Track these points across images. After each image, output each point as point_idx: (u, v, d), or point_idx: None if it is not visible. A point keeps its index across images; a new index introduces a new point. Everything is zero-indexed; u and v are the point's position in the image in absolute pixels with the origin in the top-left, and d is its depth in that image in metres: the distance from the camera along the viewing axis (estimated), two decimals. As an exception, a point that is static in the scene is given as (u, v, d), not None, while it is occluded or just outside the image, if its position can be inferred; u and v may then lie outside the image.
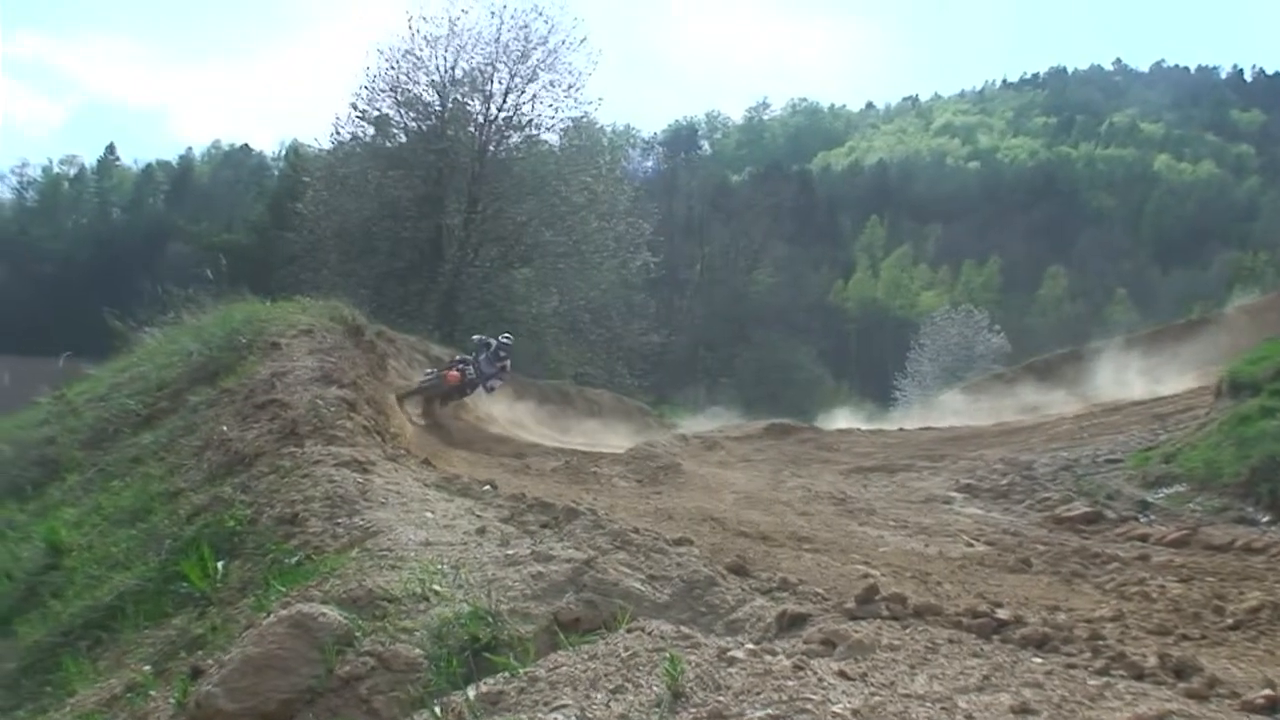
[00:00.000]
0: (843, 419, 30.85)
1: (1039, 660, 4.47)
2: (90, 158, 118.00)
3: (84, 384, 17.03)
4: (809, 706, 3.73)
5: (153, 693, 5.77)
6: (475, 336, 21.00)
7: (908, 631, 4.86)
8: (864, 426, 26.04)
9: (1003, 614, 5.34)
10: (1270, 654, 6.10)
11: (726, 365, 71.48)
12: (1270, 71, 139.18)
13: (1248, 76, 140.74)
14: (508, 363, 20.64)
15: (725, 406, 41.38)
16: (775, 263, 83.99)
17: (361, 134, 44.36)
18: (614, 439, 23.25)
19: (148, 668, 6.34)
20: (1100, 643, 4.99)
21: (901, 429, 23.61)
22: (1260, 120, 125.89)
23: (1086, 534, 10.92)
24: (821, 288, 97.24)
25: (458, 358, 20.89)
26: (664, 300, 64.79)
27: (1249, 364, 14.76)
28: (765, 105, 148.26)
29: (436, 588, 5.71)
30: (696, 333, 73.84)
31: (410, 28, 42.25)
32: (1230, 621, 6.83)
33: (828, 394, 50.65)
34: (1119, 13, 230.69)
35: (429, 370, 20.68)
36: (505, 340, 20.63)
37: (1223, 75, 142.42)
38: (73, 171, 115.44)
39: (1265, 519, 10.68)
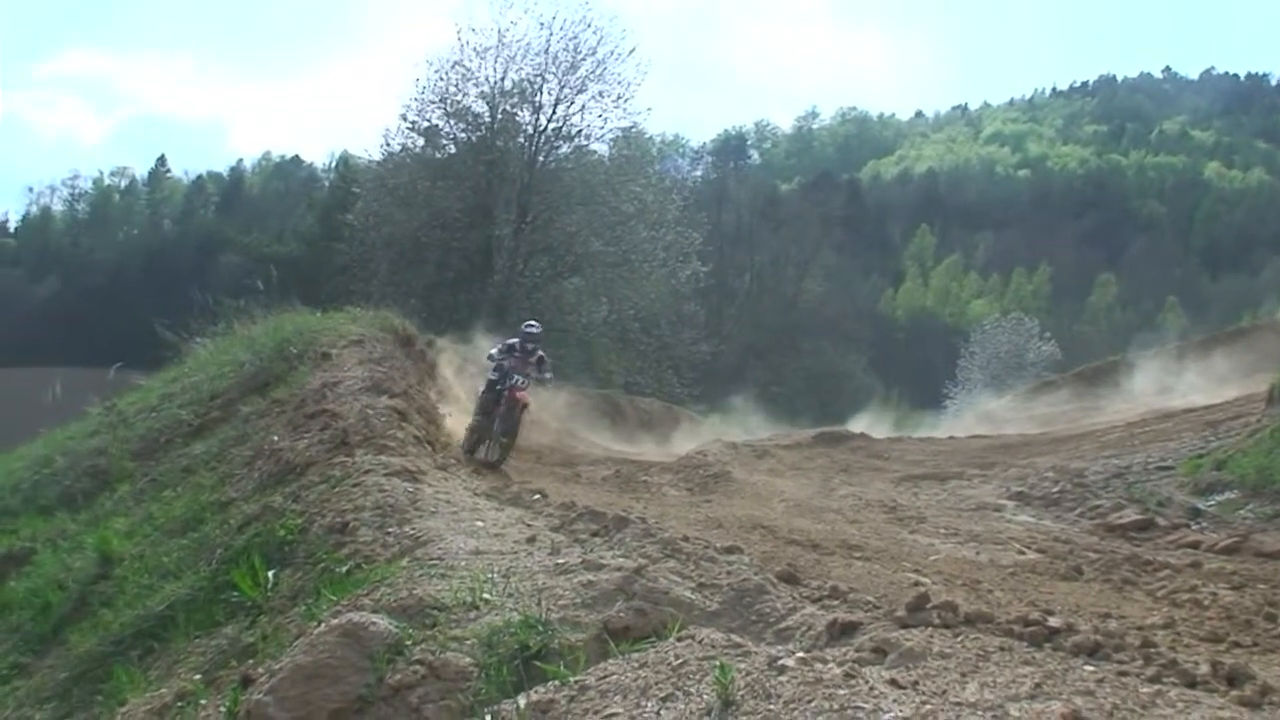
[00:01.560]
0: (863, 423, 30.63)
1: (1091, 668, 4.43)
2: (142, 170, 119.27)
3: (135, 395, 17.20)
4: (860, 715, 3.72)
5: (203, 701, 5.81)
6: (492, 351, 17.55)
7: (959, 639, 4.83)
8: (891, 432, 25.89)
9: (1054, 622, 5.29)
10: (1322, 661, 6.03)
11: (776, 374, 71.20)
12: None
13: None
14: (537, 353, 17.05)
15: (775, 415, 41.30)
16: (825, 272, 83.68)
17: (411, 145, 44.63)
18: (664, 447, 23.24)
19: (198, 677, 6.39)
20: (1152, 650, 4.94)
21: (952, 437, 23.50)
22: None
23: (1138, 541, 10.82)
24: (871, 296, 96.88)
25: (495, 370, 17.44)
26: (713, 309, 64.74)
27: (1301, 371, 14.63)
28: (814, 114, 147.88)
29: (487, 596, 5.72)
30: (746, 342, 73.67)
31: (459, 39, 42.53)
32: (1284, 629, 6.75)
33: (877, 403, 50.39)
34: (1168, 19, 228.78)
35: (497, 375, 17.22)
36: (530, 329, 17.28)
37: (1272, 82, 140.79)
38: (124, 183, 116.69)
39: (1316, 526, 10.57)
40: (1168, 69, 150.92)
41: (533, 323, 17.72)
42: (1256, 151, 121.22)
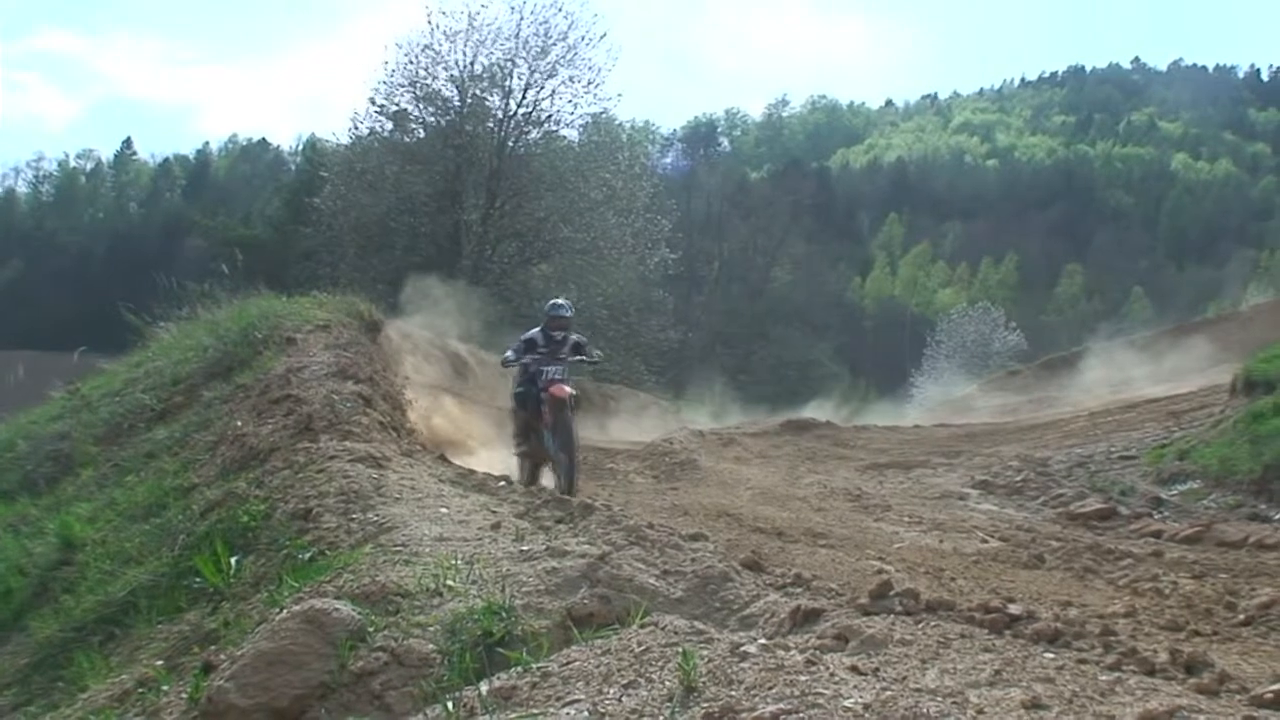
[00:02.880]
0: (817, 410, 30.76)
1: (1051, 655, 4.46)
2: (108, 152, 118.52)
3: (99, 379, 17.06)
4: (820, 701, 3.73)
5: (165, 688, 5.78)
6: (507, 354, 14.42)
7: (920, 627, 4.86)
8: (846, 419, 25.99)
9: (1015, 609, 5.33)
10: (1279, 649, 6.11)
11: (744, 362, 71.36)
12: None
13: (1265, 76, 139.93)
14: (569, 339, 14.35)
15: (742, 403, 41.39)
16: (793, 260, 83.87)
17: (380, 129, 44.46)
18: (631, 435, 23.25)
19: (160, 663, 6.36)
20: (1112, 638, 4.99)
21: (918, 425, 23.61)
22: (1277, 119, 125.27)
23: (1100, 530, 10.93)
24: (839, 285, 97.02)
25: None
26: (682, 297, 64.72)
27: (1263, 362, 14.76)
28: (785, 102, 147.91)
29: (450, 583, 5.71)
30: (714, 329, 73.79)
31: (430, 22, 42.32)
32: (1242, 617, 6.84)
33: (837, 390, 50.60)
34: (1138, 11, 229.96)
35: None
36: (558, 311, 14.49)
37: (1240, 75, 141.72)
38: (89, 166, 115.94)
39: (1278, 515, 10.67)
40: (1137, 60, 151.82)
41: (560, 302, 14.83)
42: (1224, 143, 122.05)
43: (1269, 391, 13.61)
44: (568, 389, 13.76)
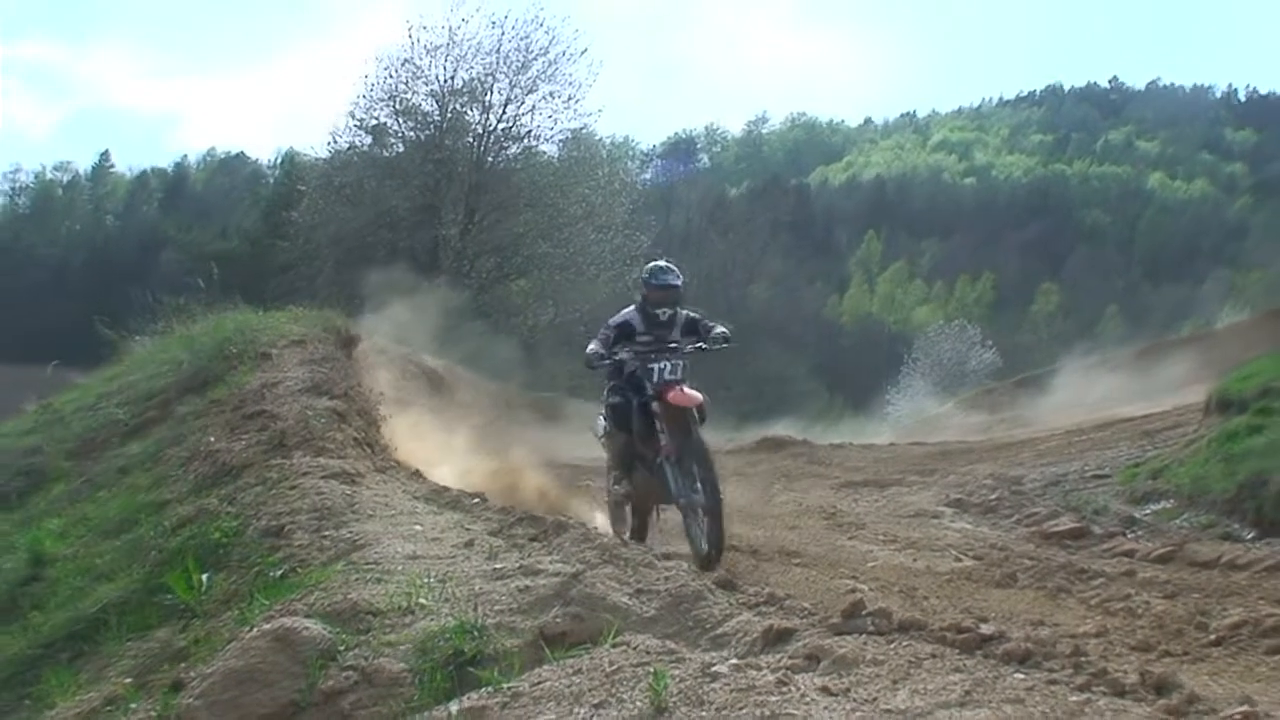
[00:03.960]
0: (788, 426, 30.82)
1: (1021, 676, 4.47)
2: (86, 164, 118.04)
3: (72, 393, 16.96)
4: (790, 722, 3.73)
5: (134, 705, 5.75)
6: (593, 347, 10.53)
7: (892, 646, 4.87)
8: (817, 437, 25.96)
9: (986, 629, 5.34)
10: (1249, 670, 6.15)
11: (720, 378, 71.37)
12: (1264, 92, 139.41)
13: (1242, 96, 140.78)
14: (680, 315, 10.80)
15: (719, 419, 41.39)
16: (771, 276, 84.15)
17: (359, 143, 44.48)
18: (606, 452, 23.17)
19: (129, 680, 6.32)
20: (1082, 659, 4.99)
21: (893, 444, 23.64)
22: (1253, 140, 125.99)
23: (1073, 549, 10.92)
24: (817, 301, 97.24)
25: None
26: (659, 313, 64.65)
27: (1238, 381, 14.80)
28: (764, 119, 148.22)
29: (422, 601, 5.70)
30: (691, 345, 73.79)
31: (410, 37, 42.36)
32: (1212, 638, 6.86)
33: (821, 407, 50.66)
34: (1116, 31, 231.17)
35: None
36: (663, 278, 10.84)
37: (1217, 94, 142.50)
38: (66, 178, 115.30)
39: (1250, 535, 10.71)
40: (1114, 80, 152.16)
41: (665, 265, 11.09)
42: (1200, 163, 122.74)
43: (1243, 411, 13.66)
44: (695, 393, 10.03)
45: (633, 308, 10.90)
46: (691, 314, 10.96)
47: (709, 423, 10.61)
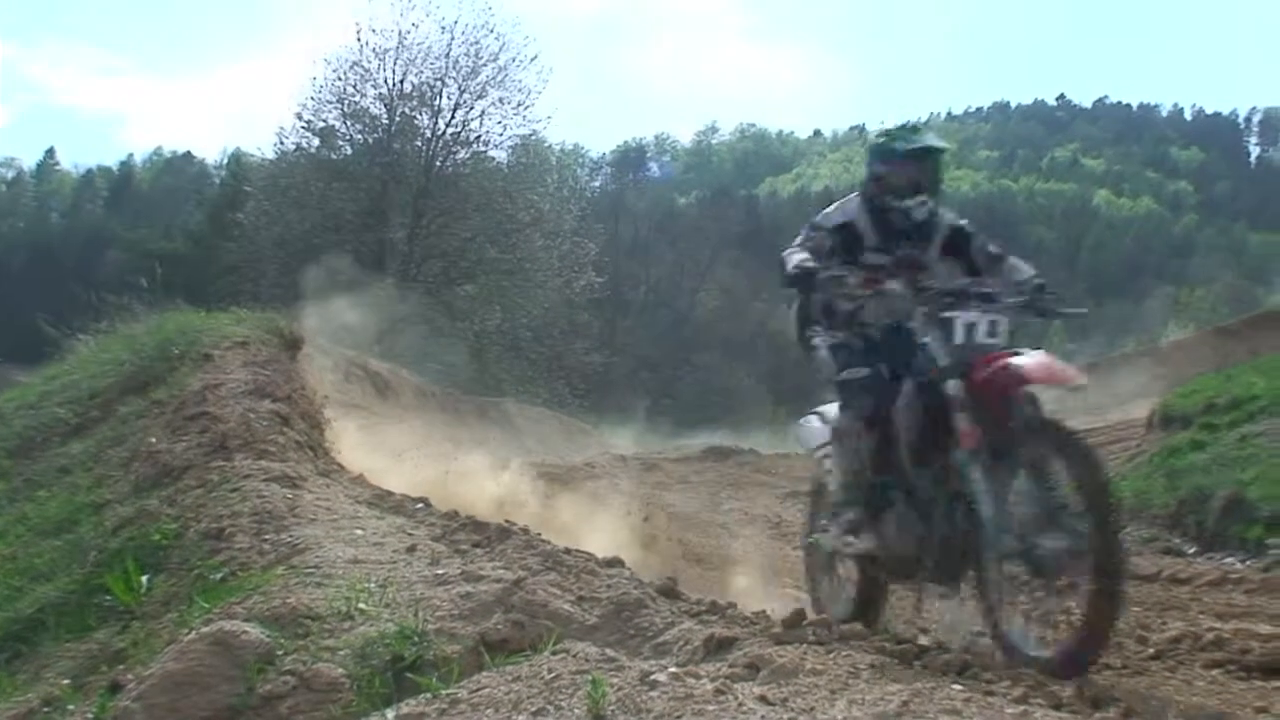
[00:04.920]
0: (733, 435, 30.95)
1: (959, 687, 4.49)
2: (31, 161, 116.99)
3: (13, 391, 16.73)
4: (728, 731, 3.74)
5: (70, 707, 5.67)
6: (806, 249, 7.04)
7: (832, 656, 4.87)
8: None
9: (925, 640, 5.37)
10: (1187, 684, 6.20)
11: (668, 387, 71.56)
12: (1210, 111, 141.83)
13: (1188, 115, 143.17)
14: (934, 215, 7.33)
15: (665, 428, 41.45)
16: (720, 286, 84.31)
17: (306, 145, 44.39)
18: (552, 459, 23.19)
19: (67, 682, 6.24)
20: (1021, 671, 5.03)
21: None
22: (1199, 158, 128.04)
23: (1017, 562, 11.01)
24: (764, 312, 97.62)
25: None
26: (607, 320, 64.89)
27: (1181, 397, 15.01)
28: (714, 129, 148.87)
29: (362, 606, 5.65)
30: (639, 353, 73.97)
31: (359, 39, 42.28)
32: (1151, 651, 6.92)
33: (768, 417, 50.84)
34: (1063, 48, 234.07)
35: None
36: (910, 138, 6.99)
37: (1164, 113, 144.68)
38: (11, 174, 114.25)
39: (1192, 550, 10.86)
40: (1061, 97, 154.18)
41: (915, 123, 7.31)
42: (1146, 181, 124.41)
43: (1186, 427, 13.85)
44: (1068, 368, 6.31)
45: (855, 197, 7.15)
46: (958, 222, 7.45)
47: (662, 432, 10.61)
